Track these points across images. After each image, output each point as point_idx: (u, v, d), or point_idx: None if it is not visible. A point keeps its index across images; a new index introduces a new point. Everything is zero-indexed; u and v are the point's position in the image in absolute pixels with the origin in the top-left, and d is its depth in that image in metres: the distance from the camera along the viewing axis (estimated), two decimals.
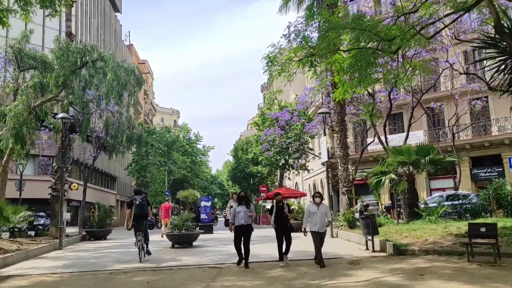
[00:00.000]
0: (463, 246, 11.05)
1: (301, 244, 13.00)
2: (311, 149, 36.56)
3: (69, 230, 31.00)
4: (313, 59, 12.31)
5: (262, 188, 34.22)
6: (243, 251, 10.21)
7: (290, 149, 35.25)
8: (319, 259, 9.96)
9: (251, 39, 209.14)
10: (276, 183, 41.47)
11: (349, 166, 19.06)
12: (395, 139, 33.10)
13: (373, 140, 29.53)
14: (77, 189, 34.11)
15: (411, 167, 17.60)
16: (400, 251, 11.55)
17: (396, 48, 11.02)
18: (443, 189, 29.66)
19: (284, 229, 10.52)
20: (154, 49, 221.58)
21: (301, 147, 34.17)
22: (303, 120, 34.67)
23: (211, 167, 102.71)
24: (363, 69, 11.32)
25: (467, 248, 9.90)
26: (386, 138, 22.45)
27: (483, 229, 9.95)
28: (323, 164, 32.39)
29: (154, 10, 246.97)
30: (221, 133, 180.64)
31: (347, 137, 19.33)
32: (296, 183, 53.71)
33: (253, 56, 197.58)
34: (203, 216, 21.85)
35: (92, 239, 20.32)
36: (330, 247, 12.79)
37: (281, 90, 14.64)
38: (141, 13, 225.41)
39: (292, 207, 20.98)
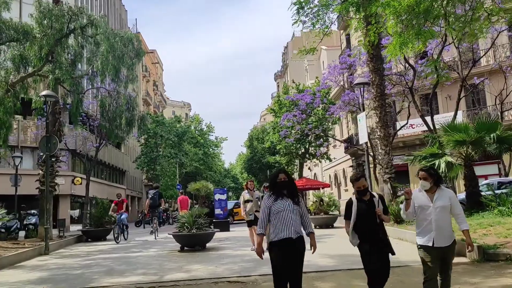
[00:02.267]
0: None
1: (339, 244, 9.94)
2: (334, 136, 33.40)
3: (75, 228, 28.52)
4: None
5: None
6: None
7: (310, 136, 32.12)
8: None
9: (260, 33, 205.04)
10: (296, 174, 38.41)
11: (391, 148, 15.87)
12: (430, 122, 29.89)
13: (407, 123, 26.38)
14: (80, 183, 31.49)
15: (470, 148, 14.38)
16: (488, 256, 8.41)
17: None
18: (485, 176, 26.36)
19: (379, 246, 5.04)
20: (161, 44, 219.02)
21: (323, 134, 31.00)
22: (325, 103, 31.50)
23: (224, 160, 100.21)
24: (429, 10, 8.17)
25: None
26: (432, 116, 19.22)
27: None
28: (349, 149, 28.50)
29: (156, 6, 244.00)
30: (233, 128, 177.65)
31: (388, 115, 16.17)
32: (315, 174, 50.54)
33: (263, 50, 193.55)
34: (217, 211, 18.87)
35: (89, 240, 17.49)
36: None
37: (315, 48, 11.54)
38: (144, 9, 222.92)
39: (325, 198, 17.89)
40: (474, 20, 10.23)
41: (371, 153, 27.92)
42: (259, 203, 10.66)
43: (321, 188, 38.22)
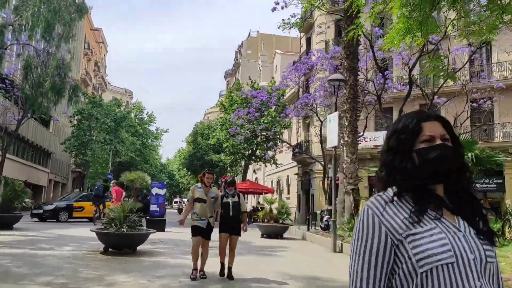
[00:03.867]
0: None
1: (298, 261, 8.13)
2: (284, 141, 31.89)
3: None
4: None
5: (224, 179, 29.10)
6: None
7: (260, 138, 30.36)
8: None
9: (213, 31, 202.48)
10: (240, 176, 36.60)
11: (357, 157, 14.35)
12: (383, 137, 29.26)
13: (362, 134, 25.35)
14: None
15: None
16: None
17: None
18: None
19: None
20: (109, 32, 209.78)
21: (274, 137, 29.37)
22: (278, 105, 29.95)
23: (161, 155, 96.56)
24: None
25: None
26: None
27: None
28: (297, 155, 27.11)
29: None
30: (173, 123, 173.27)
31: (358, 118, 14.64)
32: (256, 178, 48.90)
33: (214, 50, 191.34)
34: (153, 207, 16.40)
35: None
36: (343, 270, 7.98)
37: (302, 24, 9.20)
38: None
39: (276, 205, 16.04)
40: (486, 17, 8.86)
41: (322, 162, 26.71)
42: (215, 205, 7.58)
43: (263, 193, 36.67)
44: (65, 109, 26.21)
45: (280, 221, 16.22)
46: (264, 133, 29.53)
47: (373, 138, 29.07)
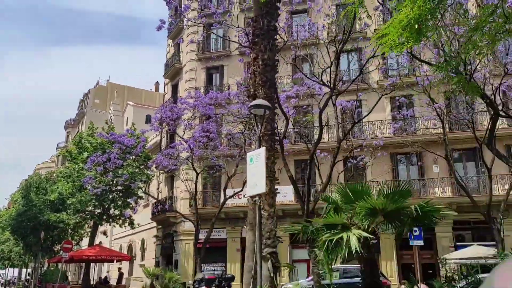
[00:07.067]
0: None
1: None
2: (149, 195, 27.30)
3: None
4: None
5: (65, 245, 22.82)
6: None
7: (115, 193, 25.20)
8: None
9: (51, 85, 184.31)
10: (86, 239, 30.12)
11: (275, 211, 11.20)
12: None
13: (242, 190, 22.64)
14: None
15: (380, 222, 10.91)
16: None
17: None
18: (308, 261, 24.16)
19: None
20: None
21: (136, 192, 24.68)
22: (139, 155, 25.57)
23: None
24: None
25: None
26: (309, 182, 15.79)
27: None
28: (158, 215, 23.33)
29: None
30: None
31: (275, 162, 11.63)
32: (101, 242, 41.66)
33: (49, 101, 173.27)
34: None
35: None
36: None
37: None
38: None
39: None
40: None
41: (195, 222, 22.84)
42: None
43: (115, 261, 30.69)
44: None
45: None
46: (121, 187, 24.68)
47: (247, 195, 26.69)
